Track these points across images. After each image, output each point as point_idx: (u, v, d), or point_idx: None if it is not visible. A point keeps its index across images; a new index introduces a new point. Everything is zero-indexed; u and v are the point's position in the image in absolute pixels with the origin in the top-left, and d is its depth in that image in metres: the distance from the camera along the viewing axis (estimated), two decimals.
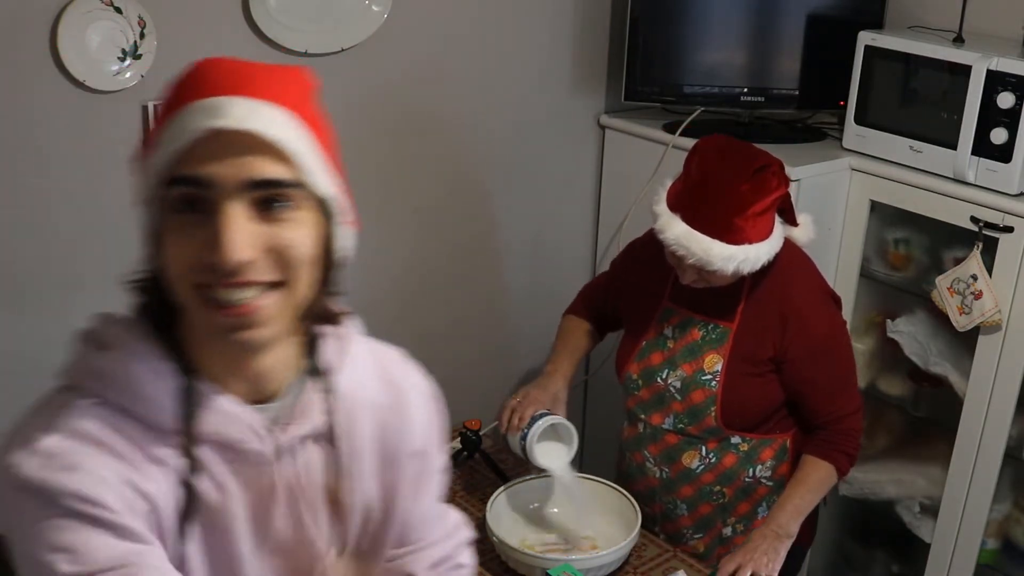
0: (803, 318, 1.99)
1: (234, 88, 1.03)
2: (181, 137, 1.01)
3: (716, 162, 1.91)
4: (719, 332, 2.02)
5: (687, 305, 2.06)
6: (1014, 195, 2.30)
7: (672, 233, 1.90)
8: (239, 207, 0.97)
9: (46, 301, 2.18)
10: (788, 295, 2.00)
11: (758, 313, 2.00)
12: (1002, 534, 2.59)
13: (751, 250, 1.89)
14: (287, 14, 2.28)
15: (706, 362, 2.02)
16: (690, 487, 2.09)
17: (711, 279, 1.95)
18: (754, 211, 1.88)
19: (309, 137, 1.05)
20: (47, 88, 2.06)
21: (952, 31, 2.48)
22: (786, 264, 2.01)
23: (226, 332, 0.99)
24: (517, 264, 2.96)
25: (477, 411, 2.54)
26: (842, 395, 2.05)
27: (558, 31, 2.79)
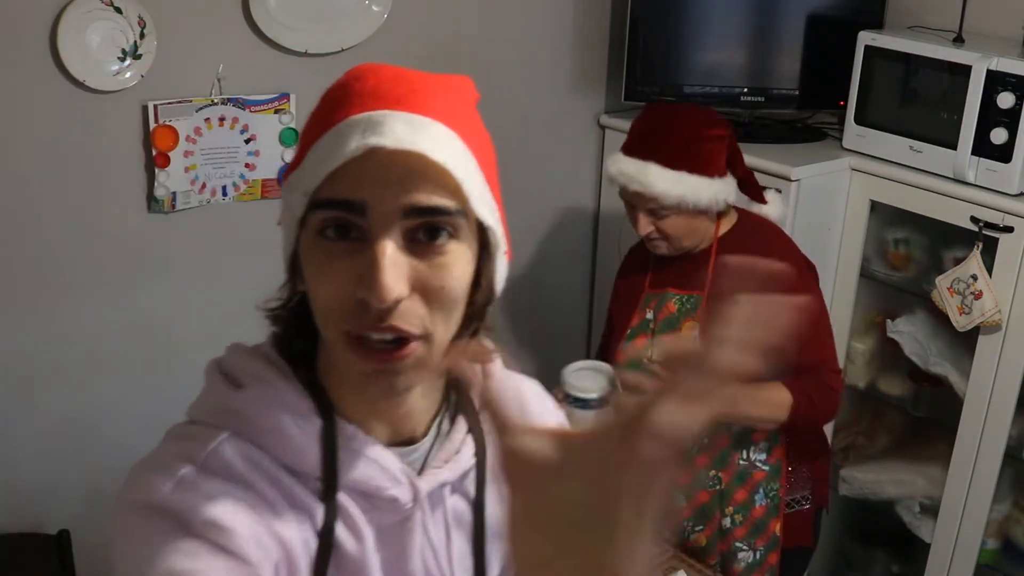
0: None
1: (395, 101, 0.91)
2: (333, 155, 0.87)
3: (656, 108, 2.09)
4: (693, 301, 2.07)
5: (663, 284, 2.12)
6: (1014, 195, 2.30)
7: (614, 166, 2.02)
8: (394, 237, 0.85)
9: (45, 301, 2.18)
10: (759, 251, 2.00)
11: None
12: (1002, 534, 2.59)
13: (691, 179, 1.95)
14: (287, 14, 2.28)
15: (683, 331, 2.05)
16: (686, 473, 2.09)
17: (664, 228, 2.00)
18: (689, 136, 1.96)
19: (473, 159, 0.94)
20: (47, 88, 2.06)
21: (952, 31, 2.48)
22: (760, 234, 2.07)
23: (371, 376, 0.89)
24: (517, 264, 2.95)
25: None
26: (815, 349, 2.02)
27: (558, 31, 2.79)
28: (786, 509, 2.11)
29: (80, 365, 2.26)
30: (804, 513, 2.14)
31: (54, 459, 2.26)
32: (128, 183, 2.22)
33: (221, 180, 2.32)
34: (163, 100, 2.18)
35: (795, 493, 2.12)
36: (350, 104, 0.92)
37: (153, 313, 2.32)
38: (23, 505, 2.23)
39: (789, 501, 2.12)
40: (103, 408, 2.29)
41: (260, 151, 2.35)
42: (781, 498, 2.10)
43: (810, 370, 2.01)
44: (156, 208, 2.25)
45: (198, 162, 2.27)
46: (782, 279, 0.97)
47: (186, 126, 2.23)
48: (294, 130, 2.36)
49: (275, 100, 2.33)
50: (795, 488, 2.12)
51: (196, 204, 2.30)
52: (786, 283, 1.85)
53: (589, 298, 3.14)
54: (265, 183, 2.38)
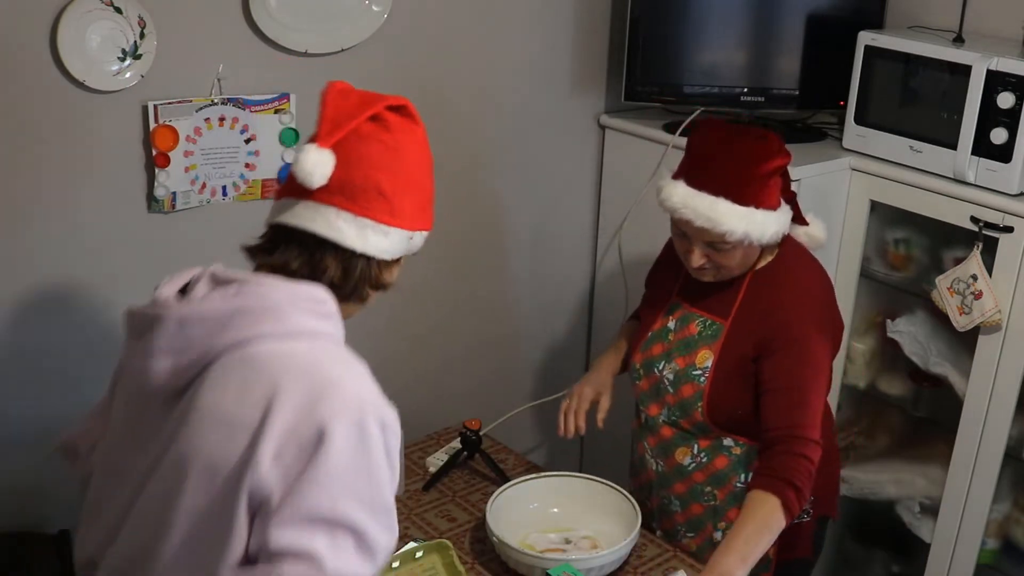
0: (787, 317, 1.94)
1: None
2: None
3: (716, 132, 1.93)
4: (714, 328, 2.02)
5: (690, 300, 2.07)
6: (1014, 195, 2.30)
7: (677, 196, 1.89)
8: None
9: (45, 300, 2.18)
10: (784, 298, 1.97)
11: (752, 313, 1.98)
12: (1002, 534, 2.59)
13: (759, 215, 1.87)
14: (287, 14, 2.28)
15: (698, 357, 2.02)
16: (682, 484, 2.09)
17: (720, 260, 1.93)
18: (758, 172, 1.87)
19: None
20: (47, 88, 2.06)
21: (952, 31, 2.48)
22: (793, 276, 2.00)
23: None
24: (517, 264, 2.96)
25: (477, 411, 2.54)
26: (799, 410, 1.89)
27: (558, 31, 2.79)
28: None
29: (80, 365, 2.26)
30: (805, 526, 2.10)
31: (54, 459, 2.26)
32: (128, 183, 2.22)
33: (221, 180, 2.32)
34: (163, 100, 2.18)
35: None
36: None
37: None
38: (23, 505, 2.23)
39: None
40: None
41: (260, 151, 2.35)
42: None
43: (785, 440, 1.86)
44: (156, 208, 2.25)
45: (198, 162, 2.27)
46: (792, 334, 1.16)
47: (186, 126, 2.23)
48: (294, 130, 2.37)
49: (275, 100, 2.33)
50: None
51: (196, 204, 2.30)
52: (799, 334, 1.83)
53: (589, 297, 3.14)
54: (265, 183, 2.38)
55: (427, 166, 1.50)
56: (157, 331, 1.33)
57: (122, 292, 2.27)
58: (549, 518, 2.11)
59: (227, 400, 1.28)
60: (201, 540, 1.29)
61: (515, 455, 2.40)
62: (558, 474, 2.16)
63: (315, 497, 1.23)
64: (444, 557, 1.94)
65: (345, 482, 1.25)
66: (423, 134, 1.48)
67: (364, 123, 1.40)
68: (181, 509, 1.28)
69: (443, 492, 2.23)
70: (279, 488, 1.24)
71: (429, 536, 2.06)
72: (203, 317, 1.32)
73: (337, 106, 1.42)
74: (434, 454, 2.35)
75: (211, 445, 1.27)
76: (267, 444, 1.24)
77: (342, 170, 1.37)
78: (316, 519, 1.23)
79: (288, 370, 1.29)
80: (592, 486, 2.13)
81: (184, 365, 1.32)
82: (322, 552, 1.23)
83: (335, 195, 1.37)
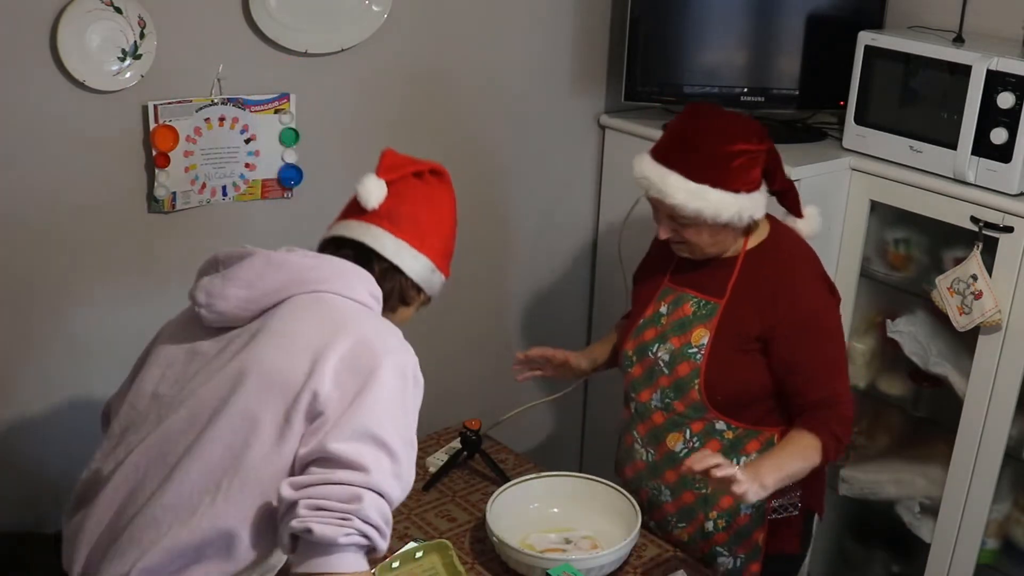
0: (794, 297, 1.99)
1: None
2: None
3: (693, 112, 2.01)
4: (709, 307, 2.04)
5: (682, 283, 2.10)
6: (1014, 195, 2.30)
7: (638, 167, 2.00)
8: None
9: (45, 301, 2.19)
10: (784, 278, 2.00)
11: (749, 290, 2.01)
12: (1002, 534, 2.59)
13: (713, 194, 1.92)
14: (287, 14, 2.28)
15: (693, 336, 2.03)
16: (673, 472, 2.09)
17: (686, 235, 1.98)
18: (718, 151, 1.92)
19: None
20: (47, 88, 2.06)
21: (952, 31, 2.48)
22: (788, 250, 2.04)
23: None
24: (517, 264, 2.96)
25: (477, 411, 2.54)
26: (831, 380, 2.01)
27: (558, 31, 2.79)
28: (772, 515, 2.08)
29: (80, 364, 2.26)
30: (792, 520, 2.11)
31: (54, 458, 2.26)
32: (128, 183, 2.22)
33: (221, 180, 2.32)
34: (163, 100, 2.18)
35: (783, 500, 2.09)
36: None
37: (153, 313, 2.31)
38: (23, 505, 2.23)
39: (776, 507, 2.08)
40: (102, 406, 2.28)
41: (260, 151, 2.35)
42: (768, 508, 2.07)
43: (825, 405, 1.98)
44: (156, 208, 2.25)
45: (198, 162, 2.27)
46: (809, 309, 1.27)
47: (186, 126, 2.23)
48: (294, 130, 2.37)
49: (275, 100, 2.33)
50: (783, 495, 2.07)
51: (196, 204, 2.30)
52: (811, 309, 1.92)
53: (589, 298, 3.14)
54: (265, 183, 2.38)
55: (452, 220, 1.81)
56: (244, 264, 1.60)
57: (122, 292, 2.27)
58: (549, 518, 2.11)
59: (300, 326, 1.53)
60: (239, 435, 1.48)
61: (515, 455, 2.40)
62: (558, 474, 2.16)
63: (366, 416, 1.46)
64: (444, 557, 1.94)
65: (389, 410, 1.49)
66: (453, 197, 1.81)
67: (411, 175, 1.75)
68: (231, 409, 1.49)
69: (443, 492, 2.23)
70: (335, 404, 1.47)
71: (429, 536, 2.06)
72: (287, 262, 1.60)
73: (392, 158, 1.77)
74: (434, 454, 2.35)
75: (274, 359, 1.50)
76: (328, 364, 1.48)
77: (390, 201, 1.70)
78: (366, 435, 1.44)
79: (353, 315, 1.57)
80: (592, 486, 2.13)
81: (255, 296, 1.57)
82: (369, 464, 1.43)
83: (383, 219, 1.69)
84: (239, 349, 1.55)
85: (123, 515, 1.53)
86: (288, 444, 1.47)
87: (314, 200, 2.45)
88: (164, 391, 1.61)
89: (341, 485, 1.41)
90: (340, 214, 1.76)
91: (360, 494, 1.41)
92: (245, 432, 1.48)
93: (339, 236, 1.71)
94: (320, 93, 2.40)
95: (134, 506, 1.52)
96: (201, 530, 1.46)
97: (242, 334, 1.58)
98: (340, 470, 1.42)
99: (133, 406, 1.64)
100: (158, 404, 1.59)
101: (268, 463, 1.47)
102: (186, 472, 1.49)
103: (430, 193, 1.76)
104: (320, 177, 2.44)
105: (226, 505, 1.47)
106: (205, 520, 1.46)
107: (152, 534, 1.48)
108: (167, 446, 1.53)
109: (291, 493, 1.41)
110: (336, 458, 1.43)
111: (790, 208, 2.08)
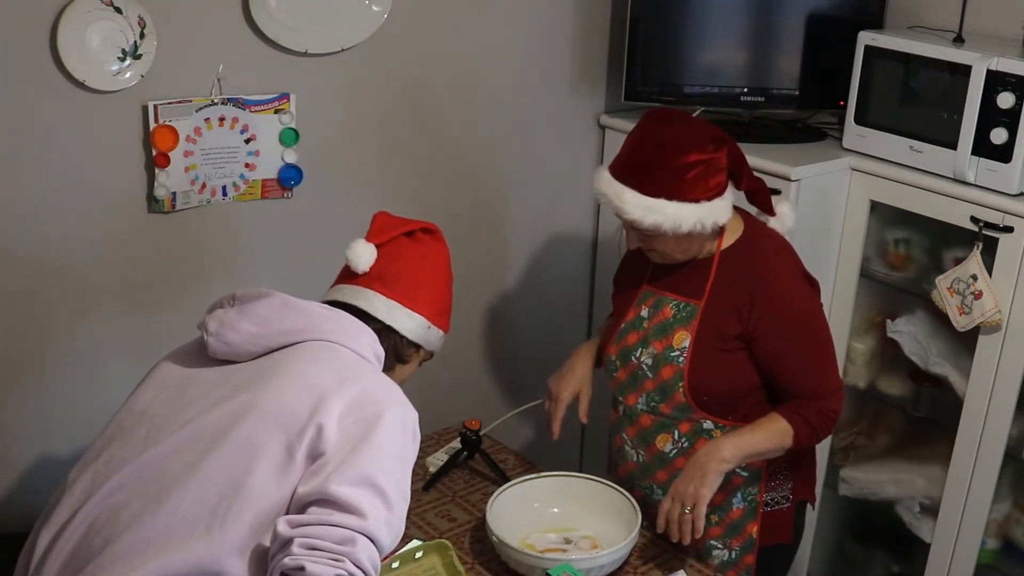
0: (774, 294, 1.98)
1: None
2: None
3: (648, 121, 1.99)
4: (689, 310, 2.04)
5: (662, 286, 2.10)
6: (1014, 195, 2.30)
7: (597, 183, 1.99)
8: None
9: (45, 300, 2.19)
10: (761, 277, 2.00)
11: (727, 290, 2.01)
12: (1002, 534, 2.59)
13: (670, 207, 1.90)
14: (287, 14, 2.28)
15: (675, 339, 2.03)
16: (664, 472, 2.09)
17: (653, 245, 1.99)
18: (671, 164, 1.90)
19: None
20: (47, 88, 2.06)
21: (952, 31, 2.48)
22: (764, 248, 2.04)
23: None
24: (517, 263, 2.96)
25: (477, 411, 2.54)
26: (818, 375, 2.02)
27: (558, 31, 2.79)
28: (764, 507, 2.10)
29: (80, 364, 2.26)
30: (784, 511, 2.13)
31: (54, 459, 2.26)
32: (128, 183, 2.22)
33: (221, 180, 2.32)
34: (163, 100, 2.18)
35: (774, 493, 2.11)
36: None
37: (153, 312, 2.32)
38: (23, 505, 2.23)
39: (767, 500, 2.10)
40: (103, 407, 2.28)
41: (260, 151, 2.35)
42: (759, 501, 2.09)
43: (808, 397, 2.00)
44: (156, 208, 2.25)
45: (198, 162, 2.27)
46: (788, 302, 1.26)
47: (186, 126, 2.23)
48: (294, 130, 2.37)
49: (275, 100, 2.33)
50: (774, 488, 2.11)
51: (196, 204, 2.30)
52: (792, 306, 1.94)
53: (589, 297, 3.14)
54: (265, 183, 2.38)
55: (446, 276, 1.86)
56: (262, 301, 1.64)
57: (122, 292, 2.27)
58: (549, 518, 2.11)
59: (310, 369, 1.57)
60: (240, 462, 1.50)
61: (515, 455, 2.40)
62: (558, 474, 2.16)
63: (368, 463, 1.48)
64: (444, 557, 1.94)
65: (390, 460, 1.52)
66: (446, 253, 1.86)
67: (402, 236, 1.80)
68: (233, 437, 1.51)
69: (443, 492, 2.23)
70: (337, 446, 1.49)
71: (429, 536, 2.06)
72: (304, 308, 1.65)
73: (383, 221, 1.83)
74: (434, 454, 2.35)
75: (281, 395, 1.53)
76: (334, 406, 1.51)
77: (381, 263, 1.76)
78: (366, 481, 1.47)
79: (360, 368, 1.62)
80: (592, 486, 2.13)
81: (267, 334, 1.61)
82: (367, 510, 1.46)
83: (375, 281, 1.75)
84: (244, 383, 1.57)
85: (99, 534, 1.50)
86: (288, 480, 1.49)
87: (314, 200, 2.45)
88: (155, 411, 1.60)
89: (337, 527, 1.43)
90: (335, 279, 1.82)
91: (355, 538, 1.44)
92: (247, 460, 1.49)
93: (333, 301, 1.75)
94: (320, 93, 2.40)
95: (114, 527, 1.49)
96: (196, 555, 1.45)
97: (245, 369, 1.60)
98: (338, 513, 1.44)
99: (120, 422, 1.64)
100: (146, 424, 1.58)
101: (267, 494, 1.48)
102: (182, 496, 1.48)
103: (423, 251, 1.81)
104: (320, 177, 2.44)
105: (221, 533, 1.46)
106: (200, 546, 1.45)
107: (139, 558, 1.45)
108: (159, 468, 1.52)
109: (287, 531, 1.42)
110: (335, 501, 1.45)
111: (762, 207, 2.07)
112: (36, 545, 1.57)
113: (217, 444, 1.50)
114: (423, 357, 1.85)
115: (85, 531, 1.52)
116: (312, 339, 1.62)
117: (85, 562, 1.49)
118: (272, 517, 1.47)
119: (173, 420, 1.56)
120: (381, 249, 1.77)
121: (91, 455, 1.62)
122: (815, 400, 2.00)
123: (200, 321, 1.66)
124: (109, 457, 1.57)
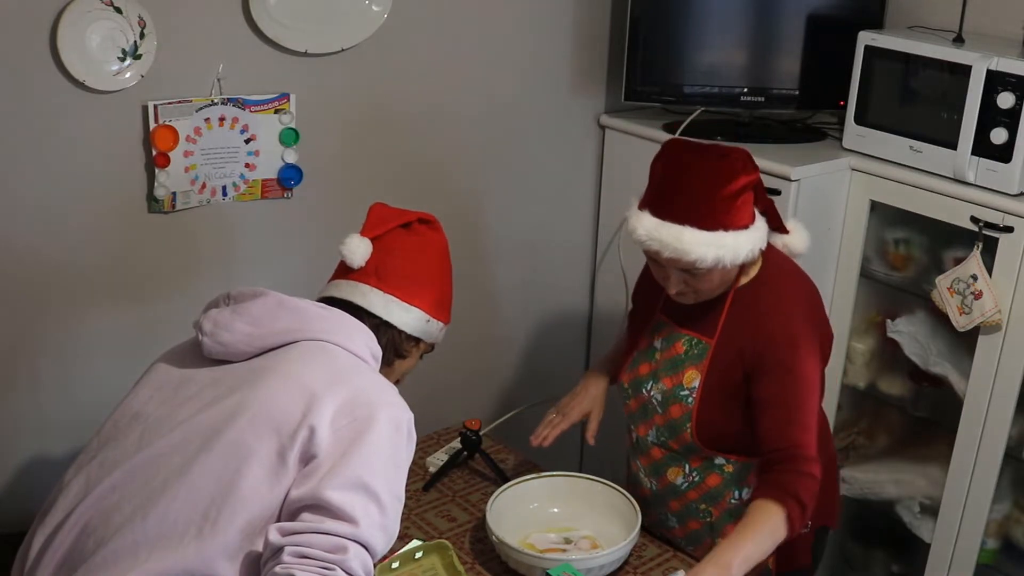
0: (769, 335, 1.90)
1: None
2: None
3: (679, 156, 1.88)
4: (700, 347, 1.98)
5: (675, 319, 2.04)
6: (1014, 195, 2.30)
7: (643, 228, 1.85)
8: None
9: (44, 300, 2.19)
10: (764, 317, 1.92)
11: (736, 330, 1.94)
12: (1002, 534, 2.59)
13: (728, 238, 1.82)
14: (287, 14, 2.28)
15: (685, 377, 1.98)
16: (677, 502, 2.07)
17: (698, 285, 1.90)
18: (722, 194, 1.81)
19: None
20: (47, 88, 2.06)
21: (952, 31, 2.48)
22: (776, 286, 1.96)
23: None
24: (517, 264, 2.96)
25: (477, 411, 2.54)
26: (796, 427, 1.85)
27: (558, 31, 2.79)
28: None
29: (79, 364, 2.26)
30: (803, 537, 2.06)
31: (54, 459, 2.26)
32: (128, 183, 2.22)
33: (221, 180, 2.32)
34: (163, 100, 2.19)
35: None
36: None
37: (153, 313, 2.32)
38: (23, 505, 2.23)
39: None
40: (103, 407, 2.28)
41: (260, 151, 2.35)
42: None
43: (787, 458, 1.83)
44: (156, 208, 2.25)
45: (198, 162, 2.27)
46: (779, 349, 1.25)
47: (186, 126, 2.23)
48: (294, 130, 2.37)
49: (275, 100, 2.33)
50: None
51: (196, 204, 2.30)
52: (782, 352, 1.89)
53: (589, 298, 3.14)
54: (265, 183, 2.38)
55: (445, 267, 1.83)
56: (256, 301, 1.63)
57: (122, 291, 2.27)
58: (549, 518, 2.11)
59: (303, 369, 1.55)
60: (231, 464, 1.48)
61: (515, 455, 2.40)
62: (558, 474, 2.16)
63: (361, 465, 1.46)
64: (444, 557, 1.94)
65: (382, 461, 1.50)
66: (445, 243, 1.83)
67: (398, 228, 1.77)
68: (224, 439, 1.49)
69: (443, 492, 2.23)
70: (329, 448, 1.48)
71: (429, 536, 2.06)
72: (298, 308, 1.63)
73: (379, 213, 1.80)
74: (434, 454, 2.35)
75: (274, 397, 1.51)
76: (326, 408, 1.50)
77: (377, 258, 1.73)
78: (358, 484, 1.45)
79: (354, 368, 1.60)
80: (592, 486, 2.13)
81: (261, 334, 1.60)
82: (359, 516, 1.44)
83: (370, 276, 1.73)
84: (237, 383, 1.56)
85: (92, 537, 1.49)
86: (281, 483, 1.48)
87: (314, 200, 2.45)
88: (149, 412, 1.60)
89: (328, 535, 1.42)
90: (332, 275, 1.80)
91: (346, 545, 1.42)
92: (238, 463, 1.48)
93: (329, 298, 1.74)
94: (320, 93, 2.40)
95: (106, 529, 1.49)
96: (186, 559, 1.44)
97: (239, 369, 1.59)
98: (329, 520, 1.43)
99: (115, 423, 1.63)
100: (140, 425, 1.58)
101: (258, 498, 1.47)
102: (172, 498, 1.47)
103: (420, 243, 1.78)
104: (320, 177, 2.45)
105: (212, 537, 1.45)
106: (191, 550, 1.44)
107: (129, 561, 1.44)
108: (150, 471, 1.51)
109: (278, 539, 1.41)
110: (328, 506, 1.43)
111: (773, 225, 1.95)
112: (31, 546, 1.57)
113: (208, 446, 1.49)
114: (424, 350, 1.83)
115: (79, 533, 1.51)
116: (306, 339, 1.60)
117: (78, 564, 1.48)
118: (264, 521, 1.46)
119: (166, 421, 1.56)
120: (377, 242, 1.75)
121: (86, 456, 1.61)
122: (789, 463, 1.83)
123: (195, 320, 1.65)
124: (103, 458, 1.57)
